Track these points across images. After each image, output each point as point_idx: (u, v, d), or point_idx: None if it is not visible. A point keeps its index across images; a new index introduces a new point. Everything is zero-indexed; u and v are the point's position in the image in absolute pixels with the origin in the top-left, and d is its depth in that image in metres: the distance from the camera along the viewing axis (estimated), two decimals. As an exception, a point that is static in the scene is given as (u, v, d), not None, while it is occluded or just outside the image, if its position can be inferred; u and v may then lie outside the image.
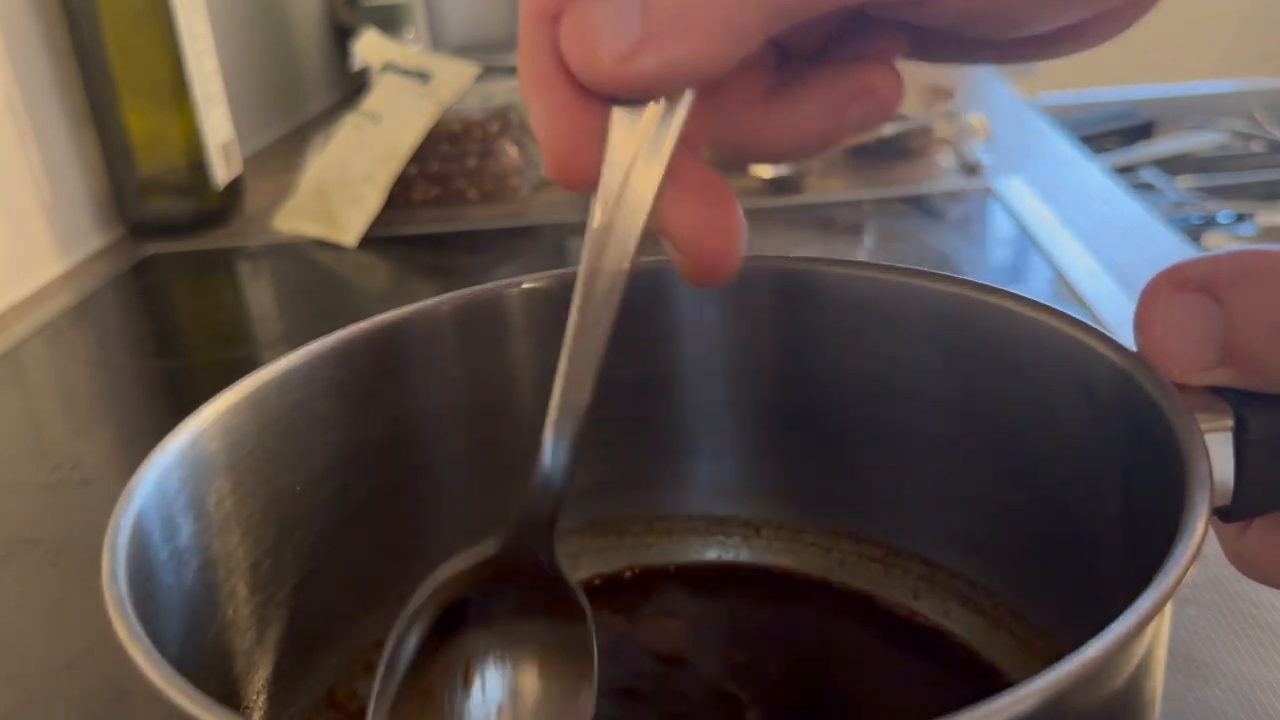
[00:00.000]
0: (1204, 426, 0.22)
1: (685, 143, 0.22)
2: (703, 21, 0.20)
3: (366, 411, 0.30)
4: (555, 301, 0.31)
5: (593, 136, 0.22)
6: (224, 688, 0.26)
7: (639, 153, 0.22)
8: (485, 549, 0.25)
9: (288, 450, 0.28)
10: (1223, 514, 0.23)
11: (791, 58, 0.24)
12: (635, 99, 0.21)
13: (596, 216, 0.22)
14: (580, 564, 0.34)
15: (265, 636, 0.28)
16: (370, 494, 0.30)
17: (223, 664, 0.26)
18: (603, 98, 0.22)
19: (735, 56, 0.20)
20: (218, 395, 0.27)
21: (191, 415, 0.26)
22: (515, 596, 0.25)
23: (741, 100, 0.24)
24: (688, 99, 0.22)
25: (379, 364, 0.30)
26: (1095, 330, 0.25)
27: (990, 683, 0.29)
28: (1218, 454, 0.22)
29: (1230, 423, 0.22)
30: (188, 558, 0.25)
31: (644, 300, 0.31)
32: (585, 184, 0.22)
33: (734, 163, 0.25)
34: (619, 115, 0.22)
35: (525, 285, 0.31)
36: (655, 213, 0.22)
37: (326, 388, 0.29)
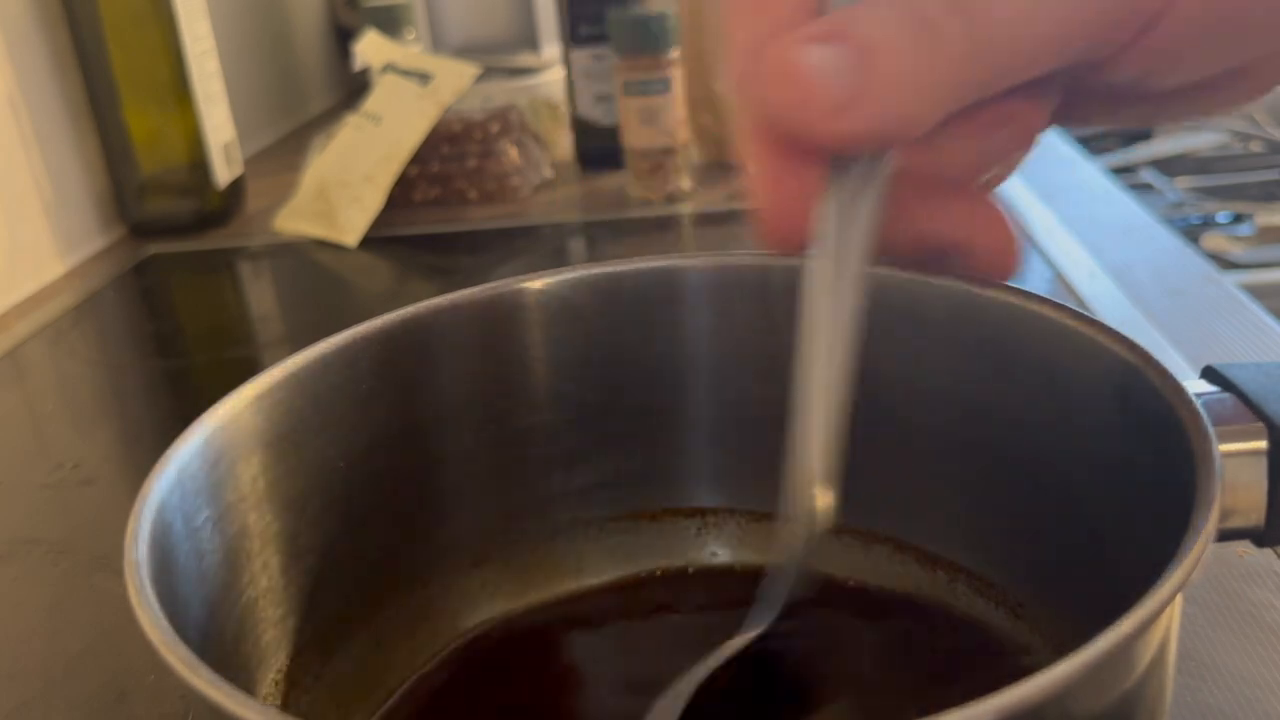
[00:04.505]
0: (1236, 447, 0.21)
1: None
2: (914, 84, 0.20)
3: (388, 403, 0.30)
4: (581, 300, 0.32)
5: (803, 199, 0.21)
6: (244, 671, 0.26)
7: (853, 201, 0.21)
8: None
9: (309, 442, 0.28)
10: (1255, 537, 0.22)
11: None
12: (841, 152, 0.21)
13: (816, 265, 0.22)
14: (605, 563, 0.34)
15: (285, 621, 0.28)
16: (393, 483, 0.31)
17: (243, 647, 0.26)
18: (815, 156, 0.21)
19: (937, 121, 0.21)
20: (233, 391, 0.27)
21: (214, 405, 0.26)
22: None
23: None
24: (892, 154, 0.22)
25: (397, 358, 0.30)
26: (1110, 330, 0.25)
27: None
28: (1249, 475, 0.21)
29: (1264, 444, 0.22)
30: (209, 544, 0.25)
31: (668, 297, 0.32)
32: (799, 246, 0.22)
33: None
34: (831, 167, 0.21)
35: (549, 281, 0.32)
36: (878, 251, 0.22)
37: (340, 383, 0.29)
